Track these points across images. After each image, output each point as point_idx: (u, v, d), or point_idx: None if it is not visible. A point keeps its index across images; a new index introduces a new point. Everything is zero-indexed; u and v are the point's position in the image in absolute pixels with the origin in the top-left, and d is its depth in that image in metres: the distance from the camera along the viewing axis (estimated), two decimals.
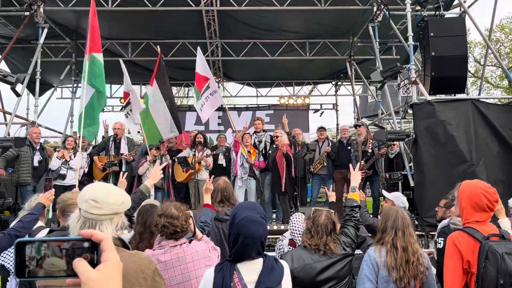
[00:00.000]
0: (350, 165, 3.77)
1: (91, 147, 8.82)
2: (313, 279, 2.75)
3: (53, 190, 3.75)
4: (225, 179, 3.99)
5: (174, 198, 7.97)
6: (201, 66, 7.79)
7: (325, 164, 8.24)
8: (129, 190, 7.49)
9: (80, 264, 0.81)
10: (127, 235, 3.68)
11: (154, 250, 2.82)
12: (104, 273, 0.82)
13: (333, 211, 3.23)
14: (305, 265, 2.75)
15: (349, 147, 8.21)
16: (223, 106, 8.58)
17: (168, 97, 7.76)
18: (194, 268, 2.78)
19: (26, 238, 0.81)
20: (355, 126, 8.47)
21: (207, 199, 3.64)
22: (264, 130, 8.66)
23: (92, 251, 0.84)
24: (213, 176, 4.16)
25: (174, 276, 2.74)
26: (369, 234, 3.73)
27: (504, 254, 2.45)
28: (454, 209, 3.05)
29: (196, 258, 2.80)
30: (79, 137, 6.84)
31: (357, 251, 3.59)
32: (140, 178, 7.92)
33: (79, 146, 8.11)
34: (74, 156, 7.73)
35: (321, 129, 8.74)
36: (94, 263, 0.83)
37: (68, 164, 7.63)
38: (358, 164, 4.63)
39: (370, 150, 7.83)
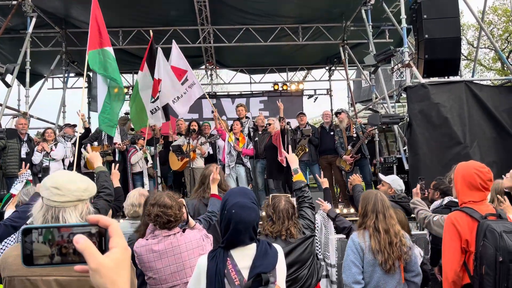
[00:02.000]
0: (283, 151, 3.72)
1: (75, 137, 8.76)
2: None
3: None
4: (216, 166, 3.98)
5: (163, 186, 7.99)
6: (177, 58, 7.47)
7: (307, 150, 8.24)
8: (123, 179, 7.49)
9: (89, 250, 0.79)
10: (122, 223, 3.68)
11: (147, 239, 2.79)
12: (113, 259, 0.81)
13: (289, 195, 3.20)
14: None
15: (332, 133, 8.19)
16: (205, 95, 8.32)
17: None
18: (188, 257, 2.77)
19: (33, 224, 0.79)
20: (336, 114, 8.45)
21: (214, 189, 3.62)
22: (247, 117, 8.62)
23: (99, 237, 0.83)
24: (219, 166, 4.16)
25: (168, 266, 2.73)
26: (351, 223, 3.73)
27: (502, 232, 2.48)
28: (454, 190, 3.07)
29: (190, 247, 2.79)
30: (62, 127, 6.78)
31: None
32: (132, 167, 7.95)
33: (63, 137, 8.10)
34: (55, 147, 7.70)
35: (301, 114, 8.71)
36: (102, 250, 0.82)
37: (50, 156, 7.60)
38: (346, 150, 4.63)
39: (355, 135, 7.85)
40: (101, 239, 0.82)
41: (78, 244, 0.80)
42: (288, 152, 3.53)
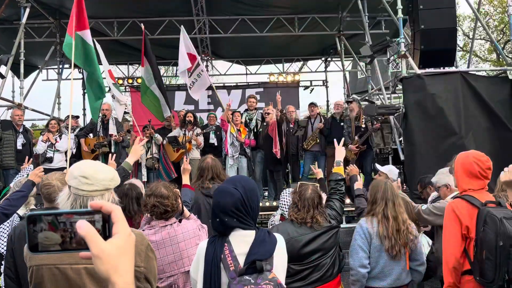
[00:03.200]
0: (335, 140, 3.79)
1: (78, 129, 8.73)
2: (299, 252, 2.79)
3: (41, 167, 3.73)
4: (212, 157, 4.00)
5: (175, 174, 7.94)
6: (188, 44, 7.68)
7: (318, 140, 8.25)
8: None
9: (91, 236, 0.79)
10: None
11: (143, 230, 2.81)
12: (116, 246, 0.80)
13: (318, 184, 3.25)
14: (290, 238, 2.77)
15: (342, 123, 8.21)
16: (212, 86, 8.48)
17: (157, 76, 7.69)
18: (185, 247, 2.79)
19: (38, 211, 0.79)
20: (347, 102, 8.45)
21: (185, 179, 3.71)
22: (255, 108, 8.62)
23: (103, 224, 0.82)
24: (186, 155, 4.20)
25: (165, 256, 2.75)
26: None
27: (503, 218, 2.53)
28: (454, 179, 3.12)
29: (187, 237, 2.82)
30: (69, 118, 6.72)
31: (345, 225, 3.66)
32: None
33: (66, 128, 8.05)
34: (60, 138, 7.66)
35: (312, 105, 8.71)
36: (106, 236, 0.81)
37: (54, 147, 7.56)
38: (353, 140, 4.67)
39: (363, 126, 7.82)
40: (105, 226, 0.82)
41: (80, 229, 0.79)
42: (338, 144, 3.63)
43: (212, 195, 2.08)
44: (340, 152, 3.51)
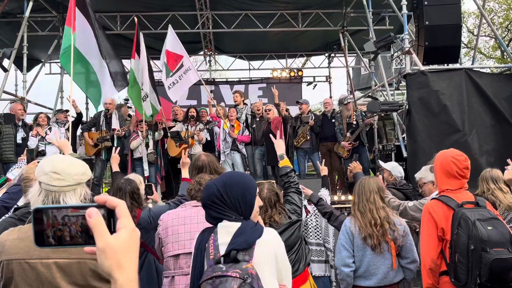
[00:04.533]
0: (271, 135, 3.77)
1: (69, 123, 8.71)
2: None
3: (37, 160, 3.74)
4: (206, 153, 3.99)
5: (164, 174, 7.99)
6: (173, 43, 7.50)
7: (308, 137, 8.25)
8: (121, 165, 7.47)
9: (99, 228, 0.78)
10: None
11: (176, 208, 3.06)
12: (120, 241, 0.79)
13: (274, 181, 3.23)
14: None
15: (333, 120, 8.21)
16: (202, 81, 8.29)
17: (149, 70, 7.66)
18: None
19: (43, 205, 0.77)
20: (345, 104, 8.37)
21: (184, 173, 3.73)
22: (245, 103, 8.58)
23: (108, 218, 0.81)
24: (188, 150, 4.24)
25: (189, 232, 2.84)
26: (333, 208, 3.79)
27: (476, 221, 2.51)
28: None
29: None
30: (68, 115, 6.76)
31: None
32: (132, 152, 7.89)
33: (58, 123, 8.07)
34: (50, 131, 7.69)
35: (298, 103, 8.69)
36: (111, 231, 0.80)
37: (45, 140, 7.60)
38: (345, 136, 4.66)
39: (354, 122, 7.86)
40: (110, 221, 0.81)
41: (90, 218, 0.78)
42: (276, 138, 3.50)
43: None
44: (279, 146, 3.39)
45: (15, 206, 3.06)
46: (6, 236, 1.80)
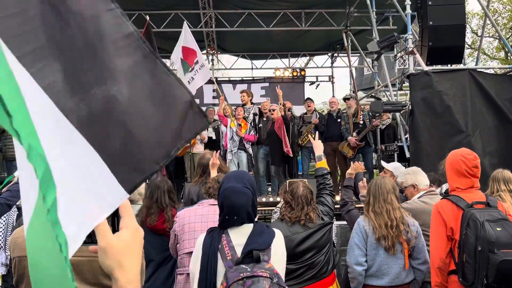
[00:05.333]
0: (310, 136, 3.77)
1: None
2: (293, 251, 2.76)
3: None
4: (211, 152, 3.97)
5: (165, 172, 7.97)
6: (188, 39, 7.66)
7: (313, 136, 8.20)
8: None
9: (101, 227, 0.77)
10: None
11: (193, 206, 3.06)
12: (121, 240, 0.78)
13: (306, 180, 3.24)
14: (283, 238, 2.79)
15: (339, 120, 8.17)
16: (212, 79, 8.44)
17: None
18: None
19: None
20: (345, 99, 8.42)
21: (213, 174, 3.67)
22: (252, 103, 8.57)
23: (112, 217, 0.82)
24: (219, 151, 4.25)
25: (206, 230, 2.83)
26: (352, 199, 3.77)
27: (485, 222, 2.53)
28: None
29: None
30: None
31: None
32: None
33: None
34: None
35: (308, 100, 8.68)
36: (114, 230, 0.80)
37: None
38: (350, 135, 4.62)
39: (361, 122, 7.82)
40: (114, 220, 0.80)
41: None
42: (314, 138, 3.56)
43: (222, 192, 2.06)
44: (318, 147, 3.41)
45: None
46: (19, 233, 1.83)
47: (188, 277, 2.82)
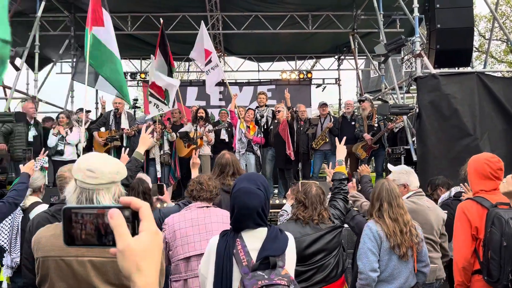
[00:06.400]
0: (336, 139, 3.76)
1: (88, 122, 8.77)
2: (302, 252, 2.75)
3: (33, 160, 3.89)
4: (230, 152, 3.97)
5: (179, 175, 7.98)
6: (205, 39, 7.84)
7: (327, 140, 8.23)
8: None
9: (120, 229, 0.77)
10: None
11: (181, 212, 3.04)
12: (140, 243, 0.78)
13: (318, 182, 3.26)
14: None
15: (353, 122, 8.18)
16: (223, 80, 8.51)
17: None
18: (218, 229, 2.84)
19: (72, 205, 0.77)
20: (359, 101, 8.42)
21: (194, 173, 3.72)
22: (266, 105, 8.59)
23: (132, 220, 0.81)
24: (198, 150, 4.23)
25: (198, 233, 2.86)
26: (355, 208, 3.75)
27: (510, 219, 2.60)
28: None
29: (220, 221, 2.94)
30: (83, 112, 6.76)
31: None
32: (148, 152, 7.94)
33: (77, 121, 8.14)
34: (71, 131, 7.74)
35: (323, 105, 8.67)
36: (134, 233, 0.80)
37: (66, 140, 7.65)
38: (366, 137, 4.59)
39: (376, 125, 7.79)
40: (134, 222, 0.80)
41: (112, 218, 0.78)
42: (340, 142, 3.58)
43: (234, 193, 2.04)
44: (341, 151, 3.45)
45: (51, 201, 3.11)
46: (43, 233, 1.84)
47: (185, 283, 2.83)
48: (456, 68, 7.51)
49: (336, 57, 13.90)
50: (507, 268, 2.54)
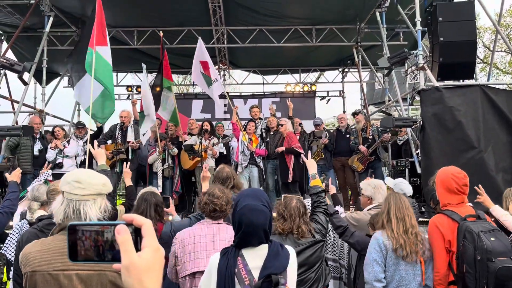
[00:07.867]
0: (302, 156, 3.81)
1: (87, 136, 8.83)
2: None
3: (19, 168, 4.00)
4: (228, 166, 4.02)
5: (179, 189, 8.04)
6: (204, 54, 7.99)
7: (322, 156, 8.31)
8: (135, 177, 7.56)
9: (126, 245, 0.79)
10: None
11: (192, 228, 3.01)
12: (144, 259, 0.80)
13: (301, 197, 3.29)
14: None
15: (347, 135, 8.24)
16: (224, 93, 8.64)
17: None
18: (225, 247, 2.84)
19: (77, 221, 0.79)
20: (353, 114, 8.50)
21: (204, 187, 3.71)
22: (260, 118, 8.66)
23: (135, 237, 0.82)
24: (207, 164, 4.25)
25: (205, 250, 2.83)
26: (352, 223, 3.73)
27: (480, 233, 2.73)
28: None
29: (229, 239, 2.87)
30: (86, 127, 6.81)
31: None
32: (151, 166, 8.03)
33: (74, 135, 8.26)
34: (68, 144, 7.88)
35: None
36: (137, 249, 0.82)
37: (64, 153, 7.80)
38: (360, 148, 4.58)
39: (370, 137, 7.86)
40: (136, 239, 0.82)
41: (119, 234, 0.80)
42: (307, 157, 3.57)
43: (240, 211, 2.03)
44: (311, 166, 3.45)
45: (37, 217, 3.16)
46: (30, 248, 1.86)
47: None
48: (460, 81, 7.53)
49: (340, 69, 13.97)
50: (482, 280, 2.64)
